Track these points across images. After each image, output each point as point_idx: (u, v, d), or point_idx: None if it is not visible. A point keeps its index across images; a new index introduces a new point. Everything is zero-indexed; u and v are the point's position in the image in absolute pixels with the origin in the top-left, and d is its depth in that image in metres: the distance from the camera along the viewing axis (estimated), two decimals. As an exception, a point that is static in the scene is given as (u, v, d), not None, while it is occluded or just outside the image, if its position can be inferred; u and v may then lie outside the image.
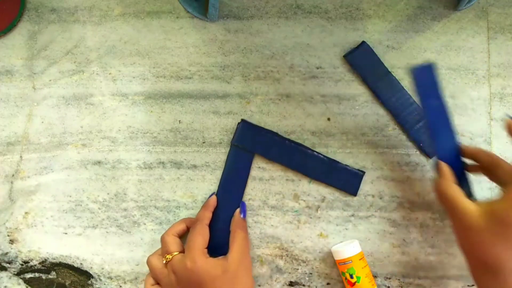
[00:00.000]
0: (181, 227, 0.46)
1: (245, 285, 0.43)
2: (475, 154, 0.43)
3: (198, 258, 0.42)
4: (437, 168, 0.43)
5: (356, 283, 0.45)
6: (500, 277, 0.36)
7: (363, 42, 0.50)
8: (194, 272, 0.41)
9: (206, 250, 0.44)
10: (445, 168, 0.42)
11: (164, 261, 0.44)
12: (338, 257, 0.46)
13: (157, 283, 0.45)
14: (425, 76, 0.44)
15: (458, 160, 0.44)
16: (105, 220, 0.50)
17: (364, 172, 0.49)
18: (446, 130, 0.44)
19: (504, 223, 0.35)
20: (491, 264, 0.37)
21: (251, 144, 0.49)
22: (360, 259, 0.45)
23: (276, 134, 0.49)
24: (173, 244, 0.44)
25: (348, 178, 0.49)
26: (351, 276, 0.45)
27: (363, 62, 0.50)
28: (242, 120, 0.49)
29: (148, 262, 0.45)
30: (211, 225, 0.46)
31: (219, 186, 0.49)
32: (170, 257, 0.43)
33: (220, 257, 0.43)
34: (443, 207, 0.43)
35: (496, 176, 0.41)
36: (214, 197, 0.48)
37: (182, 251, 0.44)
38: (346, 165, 0.49)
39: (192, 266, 0.41)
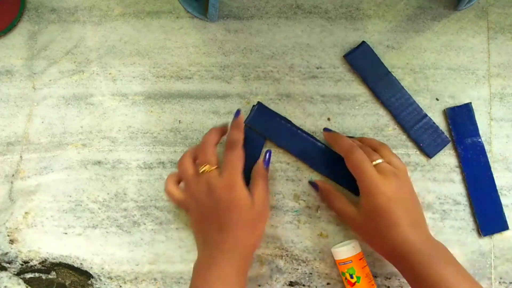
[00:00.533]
0: (217, 138, 0.46)
1: (262, 232, 0.45)
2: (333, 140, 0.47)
3: (237, 183, 0.42)
4: (320, 189, 0.47)
5: (356, 283, 0.45)
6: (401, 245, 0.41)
7: (363, 42, 0.50)
8: (229, 194, 0.42)
9: (242, 176, 0.44)
10: (325, 185, 0.47)
11: (201, 170, 0.43)
12: (338, 257, 0.46)
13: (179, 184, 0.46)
14: (461, 115, 0.49)
15: (494, 197, 0.48)
16: (105, 220, 0.50)
17: None
18: (481, 167, 0.48)
19: (372, 213, 0.41)
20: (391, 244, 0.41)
21: (264, 128, 0.49)
22: (360, 259, 0.45)
23: (289, 121, 0.49)
24: (214, 155, 0.44)
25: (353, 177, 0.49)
26: (351, 276, 0.45)
27: (363, 62, 0.50)
28: (259, 102, 0.49)
29: (181, 162, 0.45)
30: None
31: None
32: (209, 169, 0.43)
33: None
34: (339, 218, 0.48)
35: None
36: (241, 115, 0.46)
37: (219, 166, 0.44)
38: None
39: (230, 189, 0.42)
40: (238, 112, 0.46)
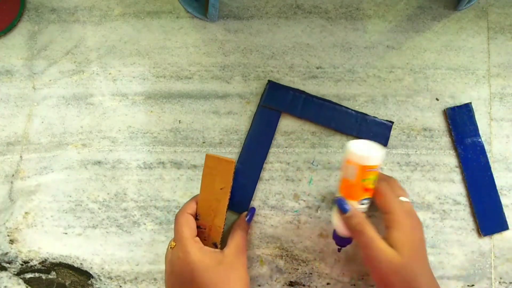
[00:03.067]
0: (193, 205, 0.45)
1: (240, 278, 0.42)
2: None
3: (191, 248, 0.41)
4: (353, 214, 0.41)
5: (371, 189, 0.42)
6: None
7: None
8: (187, 262, 0.40)
9: (197, 238, 0.43)
10: (358, 212, 0.41)
11: (170, 248, 0.43)
12: (365, 162, 0.41)
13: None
14: (461, 115, 0.49)
15: (494, 197, 0.48)
16: (105, 220, 0.50)
17: (392, 122, 0.49)
18: (481, 167, 0.48)
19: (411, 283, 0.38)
20: None
21: (280, 103, 0.49)
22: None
23: (303, 92, 0.50)
24: (185, 225, 0.42)
25: (378, 130, 0.49)
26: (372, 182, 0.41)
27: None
28: (269, 81, 0.50)
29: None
30: (235, 180, 0.47)
31: (244, 143, 0.49)
32: (173, 244, 0.43)
33: (217, 250, 0.43)
34: (358, 242, 0.42)
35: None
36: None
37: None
38: (374, 116, 0.49)
39: (185, 257, 0.41)
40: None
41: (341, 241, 0.44)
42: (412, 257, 0.39)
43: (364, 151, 0.41)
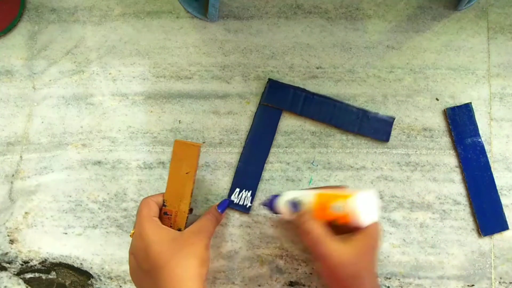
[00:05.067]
0: (160, 195, 0.44)
1: (196, 255, 0.39)
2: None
3: (146, 223, 0.40)
4: (303, 212, 0.41)
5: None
6: None
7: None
8: (142, 238, 0.40)
9: (156, 218, 0.42)
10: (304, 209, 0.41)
11: (130, 236, 0.43)
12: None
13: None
14: (461, 115, 0.49)
15: (494, 197, 0.48)
16: (105, 220, 0.50)
17: (394, 118, 0.49)
18: (481, 167, 0.48)
19: (357, 276, 0.38)
20: None
21: (280, 101, 0.50)
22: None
23: (303, 89, 0.50)
24: (145, 207, 0.42)
25: (379, 126, 0.49)
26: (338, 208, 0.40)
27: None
28: (269, 79, 0.50)
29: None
30: (238, 176, 0.48)
31: (245, 142, 0.50)
32: (133, 232, 0.42)
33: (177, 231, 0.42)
34: (307, 245, 0.42)
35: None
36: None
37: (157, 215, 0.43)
38: (376, 112, 0.49)
39: (140, 233, 0.40)
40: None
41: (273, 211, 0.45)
42: (362, 257, 0.39)
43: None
